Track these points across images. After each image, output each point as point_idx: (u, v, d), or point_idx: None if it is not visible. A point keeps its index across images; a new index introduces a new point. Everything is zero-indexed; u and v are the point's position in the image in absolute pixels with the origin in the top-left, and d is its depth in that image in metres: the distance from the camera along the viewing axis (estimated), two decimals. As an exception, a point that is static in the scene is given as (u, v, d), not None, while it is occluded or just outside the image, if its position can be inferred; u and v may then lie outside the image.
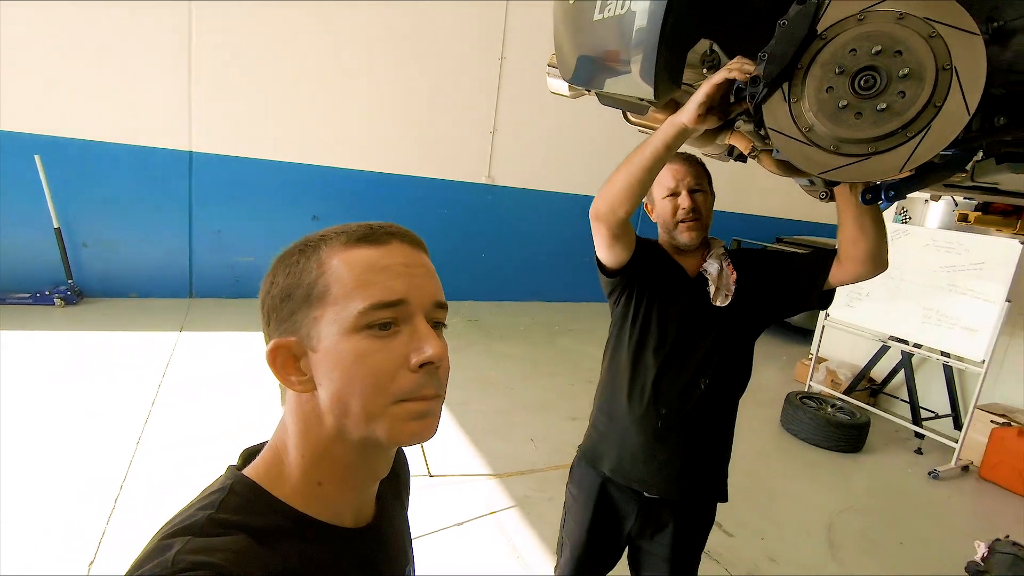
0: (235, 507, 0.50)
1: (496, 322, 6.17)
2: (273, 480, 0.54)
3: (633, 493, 1.49)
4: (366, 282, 0.53)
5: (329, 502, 0.56)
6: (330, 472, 0.55)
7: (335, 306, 0.52)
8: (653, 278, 1.48)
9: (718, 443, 1.50)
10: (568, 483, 1.65)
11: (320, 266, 0.53)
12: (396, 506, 0.71)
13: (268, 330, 0.56)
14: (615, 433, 1.50)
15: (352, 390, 0.52)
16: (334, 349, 0.52)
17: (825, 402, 4.36)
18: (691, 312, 1.46)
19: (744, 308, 1.46)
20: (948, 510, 3.48)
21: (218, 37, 5.09)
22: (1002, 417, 3.93)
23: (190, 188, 5.31)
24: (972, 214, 1.89)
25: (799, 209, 8.81)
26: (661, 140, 1.10)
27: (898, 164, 0.88)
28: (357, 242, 0.54)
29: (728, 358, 1.46)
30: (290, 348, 0.53)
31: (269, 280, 0.56)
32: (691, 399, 1.43)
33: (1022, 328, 4.09)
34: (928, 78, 0.82)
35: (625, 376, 1.48)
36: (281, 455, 0.55)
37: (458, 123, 6.42)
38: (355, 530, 0.58)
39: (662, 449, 1.44)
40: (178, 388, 3.55)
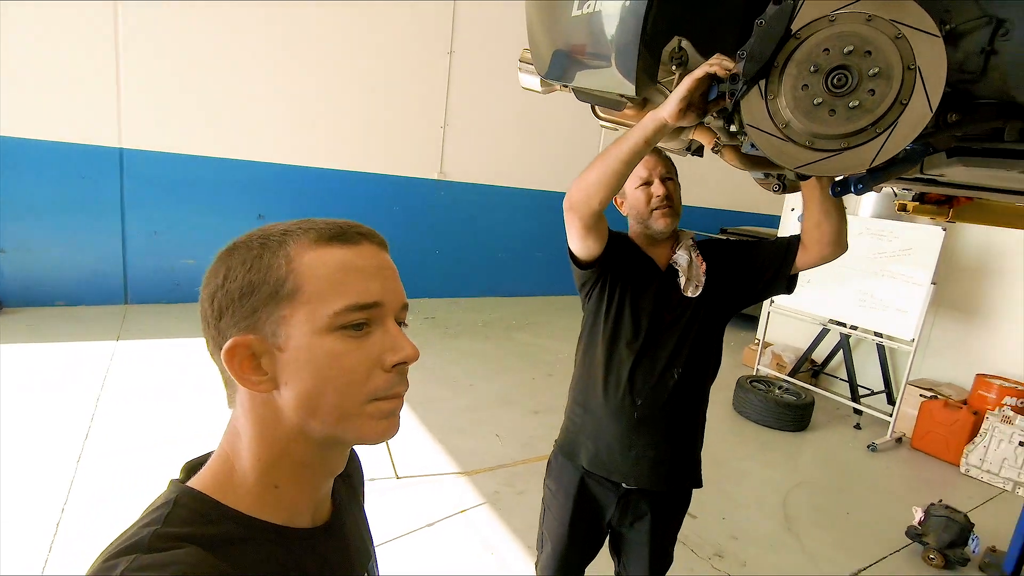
0: (182, 520, 0.48)
1: (453, 319, 6.13)
2: (222, 489, 0.52)
3: (612, 484, 1.51)
4: (341, 283, 0.52)
5: (286, 504, 0.54)
6: (288, 473, 0.54)
7: (308, 305, 0.51)
8: (625, 270, 1.49)
9: (692, 430, 1.54)
10: (546, 479, 1.65)
11: (289, 263, 0.52)
12: (352, 502, 0.70)
13: (219, 326, 0.52)
14: (591, 425, 1.52)
15: (324, 390, 0.51)
16: (306, 349, 0.51)
17: (772, 385, 4.59)
18: (663, 303, 1.49)
19: (714, 297, 1.50)
20: (886, 479, 3.74)
21: (149, 26, 4.78)
22: (929, 391, 4.26)
23: (122, 187, 4.97)
24: (911, 204, 2.02)
25: (742, 201, 9.19)
26: (640, 134, 1.11)
27: (868, 158, 0.93)
28: (328, 241, 0.53)
29: (700, 347, 1.49)
30: (250, 346, 0.51)
31: (221, 273, 0.52)
32: (665, 389, 1.46)
33: (945, 308, 4.44)
34: (896, 77, 0.87)
35: (600, 369, 1.50)
36: (231, 462, 0.53)
37: (408, 118, 6.31)
38: (313, 529, 0.58)
39: (638, 439, 1.47)
40: (119, 400, 3.33)
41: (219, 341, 0.52)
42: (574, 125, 7.33)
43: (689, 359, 1.47)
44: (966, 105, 1.02)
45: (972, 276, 4.32)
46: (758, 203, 9.14)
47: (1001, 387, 3.98)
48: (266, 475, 0.53)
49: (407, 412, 3.69)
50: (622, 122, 1.67)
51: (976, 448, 3.82)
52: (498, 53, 6.55)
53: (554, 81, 1.26)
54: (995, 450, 3.74)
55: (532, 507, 2.82)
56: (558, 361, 5.11)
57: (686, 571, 2.49)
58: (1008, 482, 3.70)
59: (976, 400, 4.09)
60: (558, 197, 5.70)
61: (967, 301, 4.36)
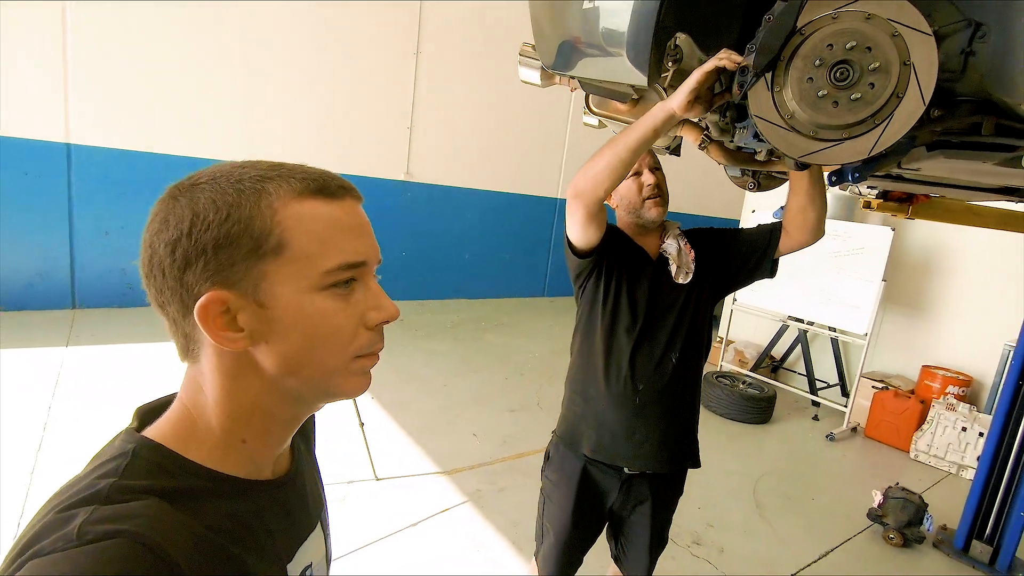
0: (141, 472, 0.46)
1: (421, 321, 6.07)
2: (183, 442, 0.50)
3: (614, 471, 1.54)
4: (330, 240, 0.51)
5: (251, 457, 0.54)
6: (258, 428, 0.53)
7: (295, 263, 0.49)
8: (619, 260, 1.54)
9: (690, 411, 1.59)
10: (545, 470, 1.66)
11: (273, 215, 0.49)
12: (307, 450, 0.70)
13: (182, 278, 0.48)
14: (592, 414, 1.54)
15: (313, 347, 0.51)
16: (296, 308, 0.50)
17: (736, 380, 4.76)
18: (657, 291, 1.54)
19: (704, 283, 1.57)
20: (845, 466, 3.94)
21: (100, 17, 4.55)
22: (880, 382, 4.52)
23: (70, 185, 4.69)
24: (875, 201, 2.14)
25: (702, 204, 9.48)
26: (650, 123, 1.16)
27: (867, 147, 0.99)
28: (313, 194, 0.51)
29: (693, 331, 1.55)
30: (227, 302, 0.48)
31: (186, 219, 0.47)
32: (665, 373, 1.51)
33: (893, 303, 4.72)
34: (894, 72, 0.94)
35: (599, 357, 1.53)
36: (193, 417, 0.52)
37: (374, 118, 6.23)
38: (274, 481, 0.57)
39: (641, 424, 1.50)
40: (72, 409, 3.14)
41: (181, 295, 0.48)
42: (541, 128, 7.41)
43: (685, 343, 1.53)
44: (947, 102, 1.10)
45: (918, 273, 4.62)
46: (718, 207, 9.45)
47: (944, 377, 4.26)
48: (233, 430, 0.52)
49: (382, 414, 3.64)
50: (613, 117, 1.71)
51: (924, 435, 4.07)
52: (465, 55, 6.56)
53: (560, 72, 1.28)
54: (941, 436, 4.00)
55: (514, 503, 2.83)
56: (529, 360, 5.14)
57: (667, 559, 2.55)
58: (953, 465, 3.96)
59: (923, 390, 4.37)
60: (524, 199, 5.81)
61: (914, 297, 4.66)
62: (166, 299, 0.49)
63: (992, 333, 4.13)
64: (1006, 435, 2.88)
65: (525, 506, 2.76)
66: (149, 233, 0.49)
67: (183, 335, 0.51)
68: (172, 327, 0.51)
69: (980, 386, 4.32)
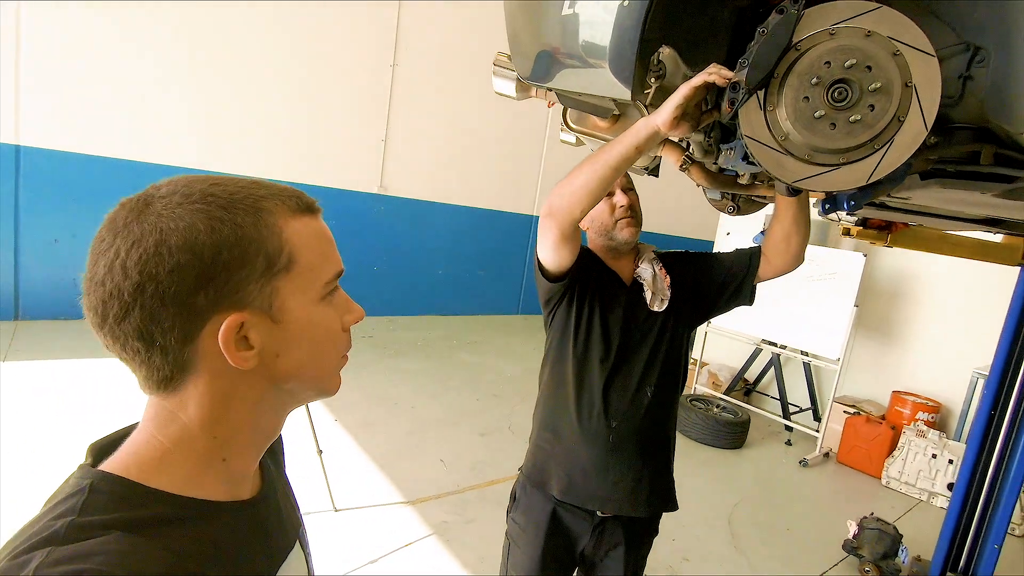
0: (102, 506, 0.44)
1: (392, 338, 5.89)
2: (148, 471, 0.48)
3: (586, 513, 1.43)
4: (325, 253, 0.55)
5: (229, 477, 0.54)
6: (244, 444, 0.54)
7: (301, 277, 0.52)
8: (592, 285, 1.44)
9: (666, 449, 1.50)
10: (511, 512, 1.53)
11: (280, 233, 0.51)
12: (277, 469, 0.69)
13: (192, 303, 0.46)
14: (563, 451, 1.43)
15: (318, 353, 0.55)
16: (306, 318, 0.53)
17: (711, 403, 4.71)
18: (631, 319, 1.45)
19: (680, 310, 1.48)
20: (819, 494, 3.90)
21: (58, 14, 4.34)
22: (852, 407, 4.52)
23: (17, 189, 4.42)
24: (854, 228, 2.11)
25: (676, 226, 9.55)
26: (632, 140, 1.07)
27: (866, 174, 0.92)
28: (303, 211, 0.54)
29: (669, 361, 1.46)
30: (242, 322, 0.49)
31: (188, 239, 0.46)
32: (640, 408, 1.41)
33: (864, 328, 4.75)
34: (895, 93, 0.86)
35: (570, 390, 1.43)
36: (164, 445, 0.50)
37: (348, 130, 6.08)
38: (250, 500, 0.57)
39: (615, 463, 1.40)
40: (5, 429, 2.88)
41: (185, 321, 0.47)
42: (517, 144, 7.37)
43: (661, 374, 1.44)
44: (944, 128, 1.04)
45: (888, 299, 4.67)
46: (691, 228, 9.53)
47: (915, 403, 4.28)
48: (217, 451, 0.52)
49: (346, 437, 3.46)
50: (592, 134, 1.62)
51: (895, 461, 4.07)
52: (442, 68, 6.50)
53: (537, 84, 1.19)
54: (911, 463, 4.00)
55: (483, 536, 2.68)
56: (502, 381, 5.00)
57: (641, 597, 2.43)
58: (924, 492, 3.96)
59: (893, 416, 4.38)
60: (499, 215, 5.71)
61: (884, 322, 4.70)
62: (158, 330, 0.46)
63: (961, 360, 4.17)
64: (979, 465, 2.86)
65: (494, 539, 2.61)
66: (123, 259, 0.45)
67: (172, 365, 0.48)
68: (158, 360, 0.48)
69: (948, 412, 4.35)
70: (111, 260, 0.45)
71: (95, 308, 0.47)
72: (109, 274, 0.45)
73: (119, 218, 0.47)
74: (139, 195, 0.49)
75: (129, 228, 0.46)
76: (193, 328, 0.47)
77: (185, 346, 0.48)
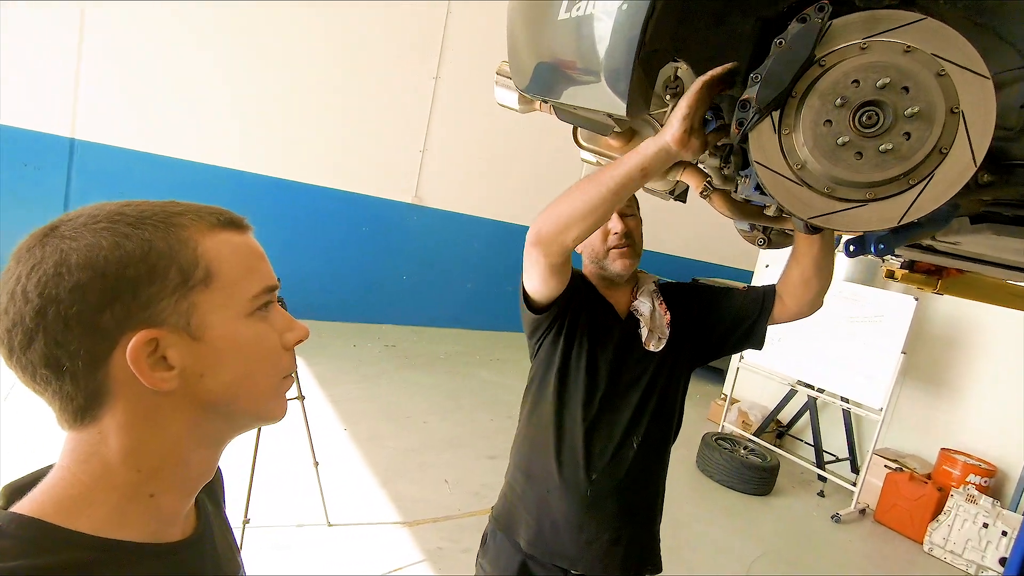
0: (10, 552, 0.42)
1: (414, 349, 5.85)
2: (66, 511, 0.45)
3: (557, 569, 1.29)
4: (251, 267, 0.53)
5: (158, 516, 0.50)
6: (170, 478, 0.50)
7: (223, 291, 0.50)
8: (583, 316, 1.30)
9: (651, 507, 1.36)
10: (480, 557, 1.42)
11: (196, 247, 0.49)
12: (216, 510, 0.65)
13: (98, 323, 0.44)
14: (534, 497, 1.31)
15: (250, 372, 0.52)
16: (231, 335, 0.50)
17: (738, 444, 4.44)
18: (622, 358, 1.30)
19: (679, 351, 1.33)
20: (850, 555, 3.58)
21: (120, 14, 4.55)
22: (895, 462, 4.17)
23: (69, 180, 4.63)
24: (899, 271, 1.91)
25: (716, 252, 9.25)
26: (637, 161, 0.93)
27: (897, 214, 0.77)
28: (224, 226, 0.53)
29: (661, 410, 1.32)
30: (156, 340, 0.46)
31: (91, 258, 0.44)
32: (624, 461, 1.27)
33: (912, 377, 4.40)
34: (937, 120, 0.72)
35: (549, 433, 1.30)
36: (83, 482, 0.47)
37: (387, 139, 6.15)
38: (182, 542, 0.54)
39: (590, 520, 1.27)
40: (23, 413, 2.95)
41: (92, 344, 0.45)
42: (555, 161, 7.28)
43: (650, 424, 1.30)
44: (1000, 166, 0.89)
45: (941, 347, 4.31)
46: (732, 256, 9.20)
47: (966, 464, 3.91)
48: (144, 486, 0.49)
49: (352, 449, 3.40)
50: (603, 153, 1.51)
51: (940, 526, 3.70)
52: (484, 82, 6.50)
53: (535, 96, 1.09)
54: (959, 530, 3.63)
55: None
56: (519, 403, 4.86)
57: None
58: (971, 564, 3.59)
59: (940, 475, 4.01)
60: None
61: (935, 372, 4.33)
62: (65, 355, 0.44)
63: (1021, 420, 3.79)
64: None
65: (487, 573, 2.48)
66: (23, 284, 0.43)
67: (85, 393, 0.46)
68: (69, 388, 0.45)
69: (1005, 477, 3.95)
70: (12, 287, 0.44)
71: (1, 339, 0.45)
72: (11, 301, 0.44)
73: (23, 246, 0.46)
74: (48, 223, 0.47)
75: (32, 253, 0.45)
76: (102, 350, 0.45)
77: (96, 370, 0.45)
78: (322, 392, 4.10)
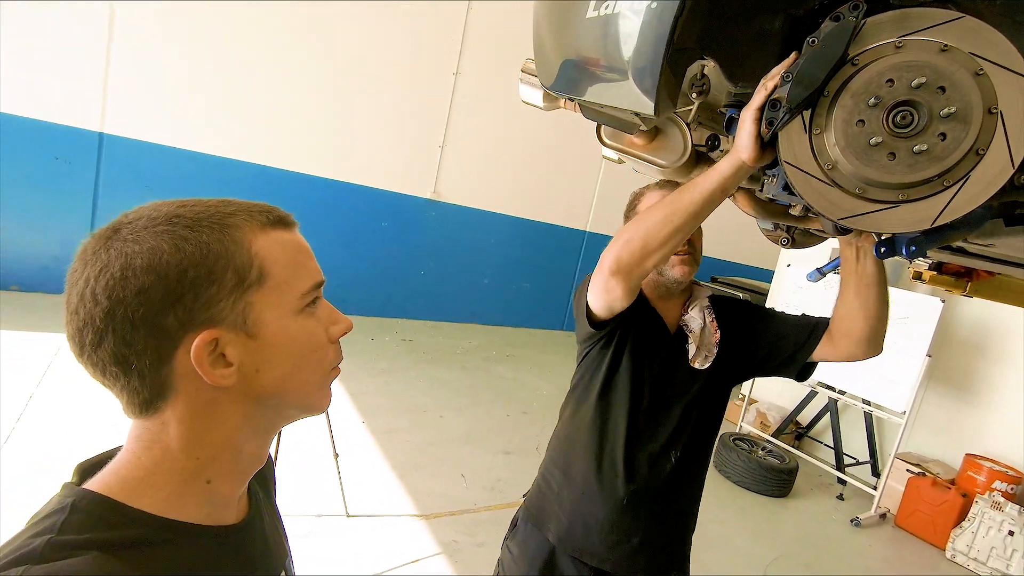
0: (80, 526, 0.45)
1: (432, 344, 5.89)
2: (131, 491, 0.49)
3: (584, 566, 1.31)
4: (300, 264, 0.55)
5: (212, 500, 0.54)
6: (228, 466, 0.54)
7: (276, 290, 0.52)
8: (633, 328, 1.30)
9: (683, 518, 1.37)
10: (507, 539, 1.45)
11: (248, 248, 0.51)
12: (266, 497, 0.69)
13: (163, 324, 0.47)
14: (569, 497, 1.34)
15: (301, 366, 0.54)
16: (283, 331, 0.53)
17: (756, 445, 4.40)
18: (667, 373, 1.31)
19: (724, 370, 1.33)
20: (870, 560, 3.53)
21: (150, 11, 4.63)
22: (917, 466, 4.09)
23: (98, 173, 4.74)
24: (927, 273, 1.87)
25: (736, 251, 9.13)
26: (717, 182, 0.93)
27: (931, 216, 0.76)
28: (274, 225, 0.55)
29: (702, 426, 1.34)
30: (216, 339, 0.49)
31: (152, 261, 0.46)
32: (662, 472, 1.29)
33: (936, 381, 4.31)
34: (974, 121, 0.71)
35: (591, 439, 1.32)
36: (146, 465, 0.50)
37: (406, 134, 6.18)
38: (234, 526, 0.57)
39: (622, 523, 1.29)
40: (55, 400, 3.04)
41: (157, 343, 0.47)
42: (574, 157, 7.25)
43: (690, 439, 1.31)
44: (1039, 166, 0.87)
45: (968, 351, 4.21)
46: (752, 255, 9.09)
47: (991, 470, 3.82)
48: (200, 472, 0.52)
49: (370, 442, 3.44)
50: (626, 151, 1.50)
51: (964, 533, 3.63)
52: (504, 79, 6.48)
53: (561, 94, 1.09)
54: (983, 537, 3.56)
55: (492, 562, 2.55)
56: (536, 399, 4.88)
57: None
58: (996, 573, 3.51)
59: (965, 481, 3.93)
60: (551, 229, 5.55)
61: (961, 377, 4.24)
62: (132, 353, 0.47)
63: (1050, 428, 3.70)
64: (1064, 553, 2.49)
65: (502, 567, 2.50)
66: (92, 287, 0.46)
67: (151, 388, 0.49)
68: (136, 383, 0.49)
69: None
70: (81, 289, 0.47)
71: (73, 337, 0.48)
72: (81, 303, 0.46)
73: (89, 248, 0.48)
74: (109, 224, 0.50)
75: (97, 256, 0.47)
76: (167, 349, 0.48)
77: (161, 368, 0.48)
78: (340, 386, 4.15)
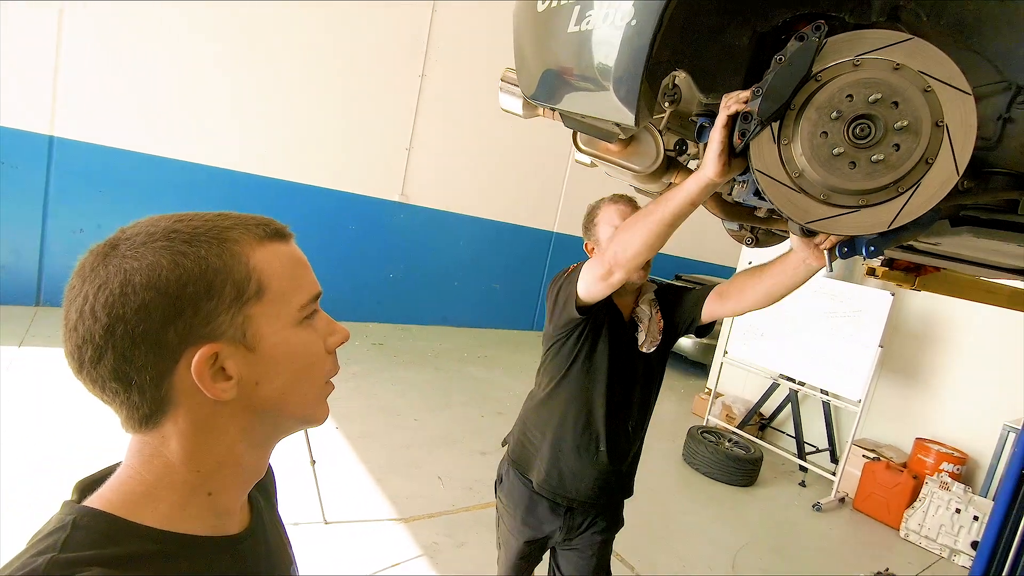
0: (82, 543, 0.44)
1: (403, 346, 5.86)
2: (133, 507, 0.49)
3: (557, 505, 1.61)
4: (298, 277, 0.55)
5: (215, 511, 0.54)
6: (230, 478, 0.54)
7: (275, 303, 0.52)
8: (603, 320, 1.56)
9: (633, 462, 1.69)
10: (498, 490, 1.73)
11: (247, 261, 0.51)
12: (268, 505, 0.69)
13: (163, 340, 0.47)
14: (551, 455, 1.60)
15: (300, 378, 0.54)
16: (282, 344, 0.53)
17: (722, 437, 4.55)
18: (623, 356, 1.58)
19: (664, 350, 1.63)
20: (831, 542, 3.70)
21: (99, 12, 4.46)
22: (872, 452, 4.31)
23: (48, 178, 4.54)
24: (880, 268, 2.00)
25: (698, 250, 9.39)
26: (686, 198, 1.06)
27: (887, 219, 0.84)
28: (271, 238, 0.54)
29: (648, 394, 1.64)
30: (216, 353, 0.49)
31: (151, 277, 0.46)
32: (626, 436, 1.61)
33: (888, 370, 4.55)
34: (924, 133, 0.79)
35: (571, 412, 1.58)
36: (147, 479, 0.50)
37: (373, 136, 6.12)
38: (237, 536, 0.57)
39: (592, 473, 1.59)
40: (13, 416, 2.90)
41: (158, 358, 0.47)
42: (541, 159, 7.34)
43: (640, 406, 1.62)
44: (979, 173, 0.95)
45: (916, 341, 4.46)
46: (713, 253, 9.37)
47: (939, 452, 4.07)
48: (202, 485, 0.52)
49: (345, 447, 3.41)
50: (602, 156, 1.56)
51: (915, 513, 3.85)
52: (470, 80, 6.51)
53: (541, 103, 1.13)
54: (933, 515, 3.78)
55: (472, 562, 2.59)
56: (509, 399, 4.91)
57: (633, 641, 2.31)
58: (945, 549, 3.74)
59: (915, 464, 4.17)
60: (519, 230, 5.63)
61: (910, 365, 4.49)
62: (132, 369, 0.47)
63: (992, 410, 3.95)
64: (1007, 524, 2.68)
65: (483, 565, 2.53)
66: (91, 303, 0.46)
67: (151, 403, 0.49)
68: (136, 398, 0.48)
69: (976, 465, 4.12)
70: (80, 305, 0.46)
71: (72, 354, 0.47)
72: (80, 319, 0.46)
73: (87, 264, 0.48)
74: (107, 240, 0.50)
75: (96, 272, 0.47)
76: (167, 364, 0.48)
77: (161, 383, 0.48)
78: (312, 391, 4.09)
